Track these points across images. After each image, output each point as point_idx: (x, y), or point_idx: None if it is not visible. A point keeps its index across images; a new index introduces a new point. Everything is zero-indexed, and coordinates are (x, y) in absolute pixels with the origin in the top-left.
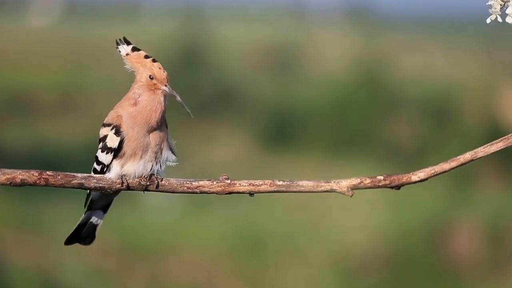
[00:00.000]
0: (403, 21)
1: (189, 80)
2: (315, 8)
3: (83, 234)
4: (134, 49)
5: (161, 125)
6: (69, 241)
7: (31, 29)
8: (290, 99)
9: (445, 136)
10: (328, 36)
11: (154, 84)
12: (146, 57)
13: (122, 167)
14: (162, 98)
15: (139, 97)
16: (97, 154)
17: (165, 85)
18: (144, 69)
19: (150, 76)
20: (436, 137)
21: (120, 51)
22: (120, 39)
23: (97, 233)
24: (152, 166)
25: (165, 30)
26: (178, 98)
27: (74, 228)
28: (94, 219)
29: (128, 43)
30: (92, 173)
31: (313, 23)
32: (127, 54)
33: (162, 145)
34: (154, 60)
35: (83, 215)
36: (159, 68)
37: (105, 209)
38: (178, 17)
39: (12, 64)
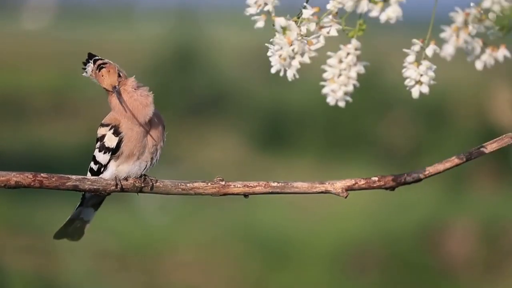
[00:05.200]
0: (396, 22)
1: (182, 82)
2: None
3: (72, 229)
4: (97, 62)
5: (157, 124)
6: (58, 235)
7: (24, 31)
8: (284, 101)
9: (439, 138)
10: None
11: (109, 91)
12: (97, 68)
13: (117, 167)
14: (117, 101)
15: (110, 104)
16: (94, 154)
17: (113, 89)
18: (100, 83)
19: (104, 88)
20: (430, 139)
21: (87, 73)
22: (86, 59)
23: (86, 230)
24: (146, 165)
25: (158, 32)
26: (121, 99)
27: (64, 222)
28: (85, 216)
29: (92, 57)
30: (89, 173)
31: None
32: (91, 75)
33: (158, 145)
34: (99, 68)
35: (74, 211)
36: (102, 76)
37: (96, 206)
38: (172, 19)
39: (5, 66)
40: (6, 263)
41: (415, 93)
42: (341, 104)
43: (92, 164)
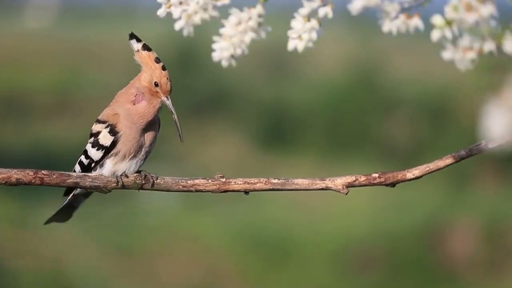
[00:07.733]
0: None
1: (185, 81)
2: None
3: (65, 216)
4: (145, 46)
5: (155, 125)
6: (48, 222)
7: (27, 30)
8: (285, 99)
9: (441, 136)
10: (324, 36)
11: (157, 92)
12: (157, 60)
13: (114, 164)
14: (158, 106)
15: (141, 97)
16: (86, 148)
17: (166, 97)
18: (153, 73)
19: (155, 82)
20: (432, 137)
21: (132, 45)
22: (132, 33)
23: (74, 214)
24: (141, 164)
25: (161, 32)
26: (175, 116)
27: (58, 209)
28: (76, 203)
29: (138, 40)
30: (77, 165)
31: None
32: (138, 51)
33: (153, 144)
34: (164, 68)
35: (66, 200)
36: (166, 78)
37: (87, 195)
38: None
39: (8, 65)
40: (9, 261)
41: (290, 45)
42: (224, 64)
43: (83, 158)
